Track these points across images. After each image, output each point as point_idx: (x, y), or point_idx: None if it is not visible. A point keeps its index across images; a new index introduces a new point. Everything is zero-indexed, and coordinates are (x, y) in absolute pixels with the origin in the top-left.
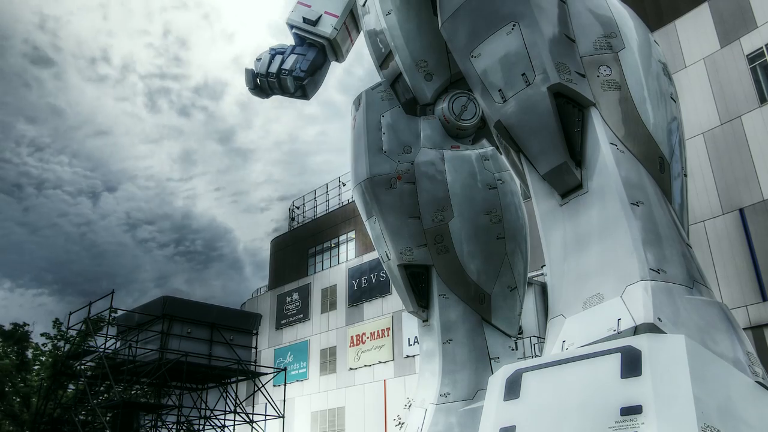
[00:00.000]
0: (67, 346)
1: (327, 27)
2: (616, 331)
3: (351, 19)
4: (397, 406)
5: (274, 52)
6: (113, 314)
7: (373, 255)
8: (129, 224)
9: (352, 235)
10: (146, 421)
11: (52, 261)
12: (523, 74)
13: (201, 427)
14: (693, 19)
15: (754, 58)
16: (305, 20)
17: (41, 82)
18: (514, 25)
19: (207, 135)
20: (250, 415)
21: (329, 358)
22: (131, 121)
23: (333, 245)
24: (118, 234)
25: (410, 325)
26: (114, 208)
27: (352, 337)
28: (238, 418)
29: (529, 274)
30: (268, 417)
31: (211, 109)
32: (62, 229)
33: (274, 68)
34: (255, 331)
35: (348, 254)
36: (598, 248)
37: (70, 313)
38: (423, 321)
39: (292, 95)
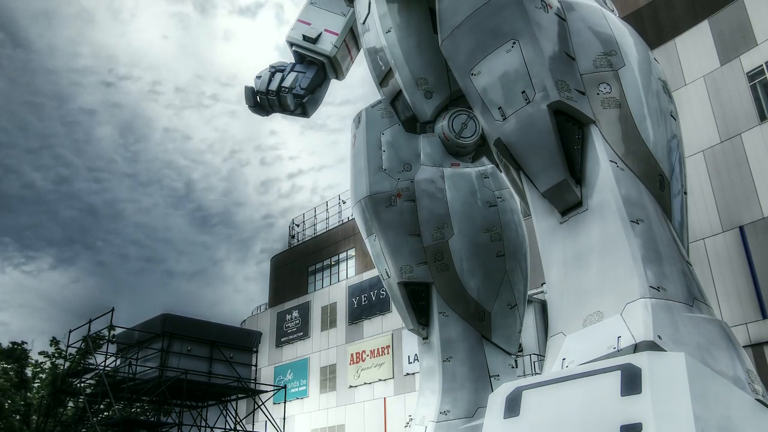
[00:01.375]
0: (66, 364)
1: (327, 45)
2: (616, 349)
3: (351, 37)
4: (397, 423)
5: (274, 70)
6: (113, 332)
7: (373, 272)
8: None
9: (352, 252)
10: None
11: (147, 227)
12: (523, 92)
13: None
14: (693, 37)
15: (754, 75)
16: (305, 38)
17: None
18: (514, 43)
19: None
20: None
21: (329, 376)
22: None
23: (333, 263)
24: (241, 195)
25: (410, 342)
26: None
27: (352, 354)
28: None
29: (529, 292)
30: None
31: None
32: (168, 185)
33: (274, 86)
34: (255, 349)
35: (348, 272)
36: (598, 266)
37: (70, 331)
38: (423, 338)
39: (292, 113)
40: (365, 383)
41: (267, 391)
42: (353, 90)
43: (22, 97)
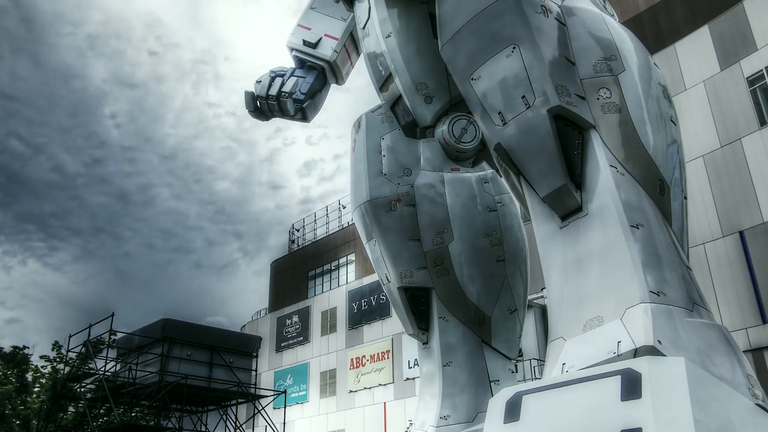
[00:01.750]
0: (67, 369)
1: (327, 50)
2: (616, 354)
3: (351, 42)
4: (397, 428)
5: (274, 75)
6: (113, 336)
7: (373, 277)
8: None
9: (352, 257)
10: None
11: (178, 214)
12: (523, 97)
13: None
14: (693, 42)
15: (754, 80)
16: (305, 43)
17: None
18: (514, 48)
19: None
20: None
21: (329, 381)
22: None
23: (333, 268)
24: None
25: (410, 347)
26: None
27: (352, 359)
28: None
29: (529, 297)
30: None
31: None
32: (206, 166)
33: (274, 91)
34: (255, 354)
35: (348, 277)
36: (598, 271)
37: (70, 336)
38: (423, 343)
39: (292, 118)
40: (365, 388)
41: (267, 396)
42: None
43: (52, 68)
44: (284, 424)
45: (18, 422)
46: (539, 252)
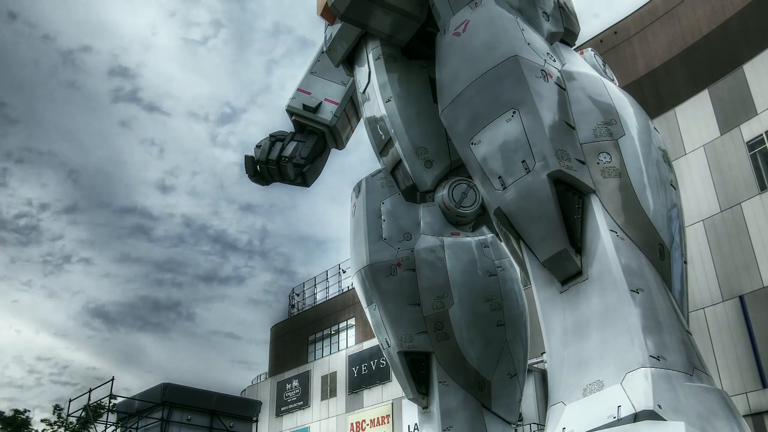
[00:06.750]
0: None
1: (327, 114)
2: (616, 418)
3: (351, 106)
4: None
5: (274, 139)
6: (113, 401)
7: (373, 342)
8: None
9: (352, 321)
10: None
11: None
12: (523, 161)
13: None
14: (693, 106)
15: (754, 145)
16: (305, 107)
17: None
18: (514, 113)
19: None
20: None
21: None
22: None
23: (333, 332)
24: None
25: (410, 411)
26: None
27: (352, 424)
28: None
29: (529, 361)
30: None
31: None
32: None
33: (274, 155)
34: (255, 419)
35: (348, 341)
36: (598, 335)
37: (70, 400)
38: (423, 408)
39: (292, 182)
40: None
41: None
42: None
43: None
44: None
45: None
46: (539, 316)
